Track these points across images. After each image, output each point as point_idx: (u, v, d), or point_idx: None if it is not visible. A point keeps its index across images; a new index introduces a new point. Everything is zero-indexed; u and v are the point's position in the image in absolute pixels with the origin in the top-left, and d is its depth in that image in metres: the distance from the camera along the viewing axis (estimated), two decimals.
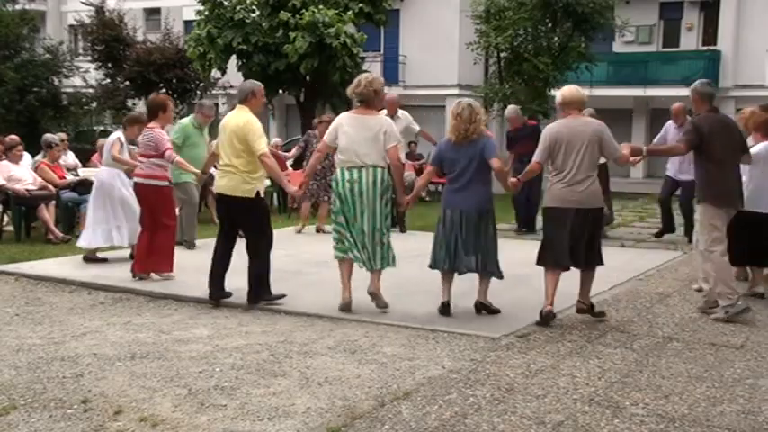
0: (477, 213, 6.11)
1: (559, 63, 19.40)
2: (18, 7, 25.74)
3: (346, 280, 6.34)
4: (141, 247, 7.58)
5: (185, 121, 9.62)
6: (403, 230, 10.49)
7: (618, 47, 25.79)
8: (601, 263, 6.21)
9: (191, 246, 9.32)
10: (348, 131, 6.21)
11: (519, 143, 10.99)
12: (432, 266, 6.34)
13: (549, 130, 6.06)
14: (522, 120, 11.61)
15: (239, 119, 6.50)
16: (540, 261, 6.14)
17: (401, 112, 11.32)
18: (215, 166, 7.15)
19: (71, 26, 31.32)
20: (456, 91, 25.69)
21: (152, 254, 7.53)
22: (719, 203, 6.27)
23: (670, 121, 10.50)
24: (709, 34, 25.66)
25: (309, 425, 3.93)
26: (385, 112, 11.10)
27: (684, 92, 26.62)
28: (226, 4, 17.86)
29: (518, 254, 7.49)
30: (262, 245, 6.54)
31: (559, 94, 6.24)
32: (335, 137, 6.28)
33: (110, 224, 8.31)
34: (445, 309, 6.22)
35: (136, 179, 7.68)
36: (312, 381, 4.59)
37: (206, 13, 17.89)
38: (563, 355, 5.19)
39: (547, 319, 5.92)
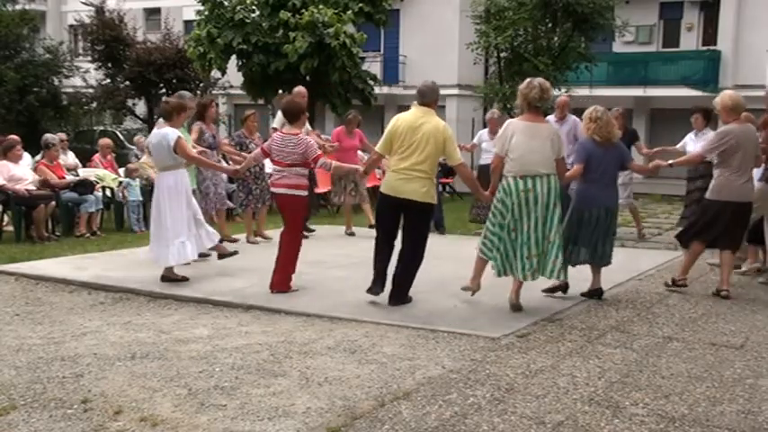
0: (615, 209, 6.89)
1: (559, 63, 19.39)
2: (18, 7, 25.79)
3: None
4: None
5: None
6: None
7: (618, 47, 25.80)
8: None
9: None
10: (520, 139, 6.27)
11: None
12: (572, 265, 6.71)
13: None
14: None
15: (439, 123, 6.39)
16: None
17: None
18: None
19: (71, 26, 31.38)
20: (456, 91, 25.69)
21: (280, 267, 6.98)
22: None
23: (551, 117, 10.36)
24: (709, 34, 25.65)
25: (309, 425, 3.93)
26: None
27: (684, 92, 26.55)
28: (226, 4, 17.84)
29: None
30: (422, 247, 6.49)
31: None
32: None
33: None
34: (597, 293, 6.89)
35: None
36: (312, 381, 4.59)
37: (206, 13, 17.86)
38: (563, 355, 5.19)
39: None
